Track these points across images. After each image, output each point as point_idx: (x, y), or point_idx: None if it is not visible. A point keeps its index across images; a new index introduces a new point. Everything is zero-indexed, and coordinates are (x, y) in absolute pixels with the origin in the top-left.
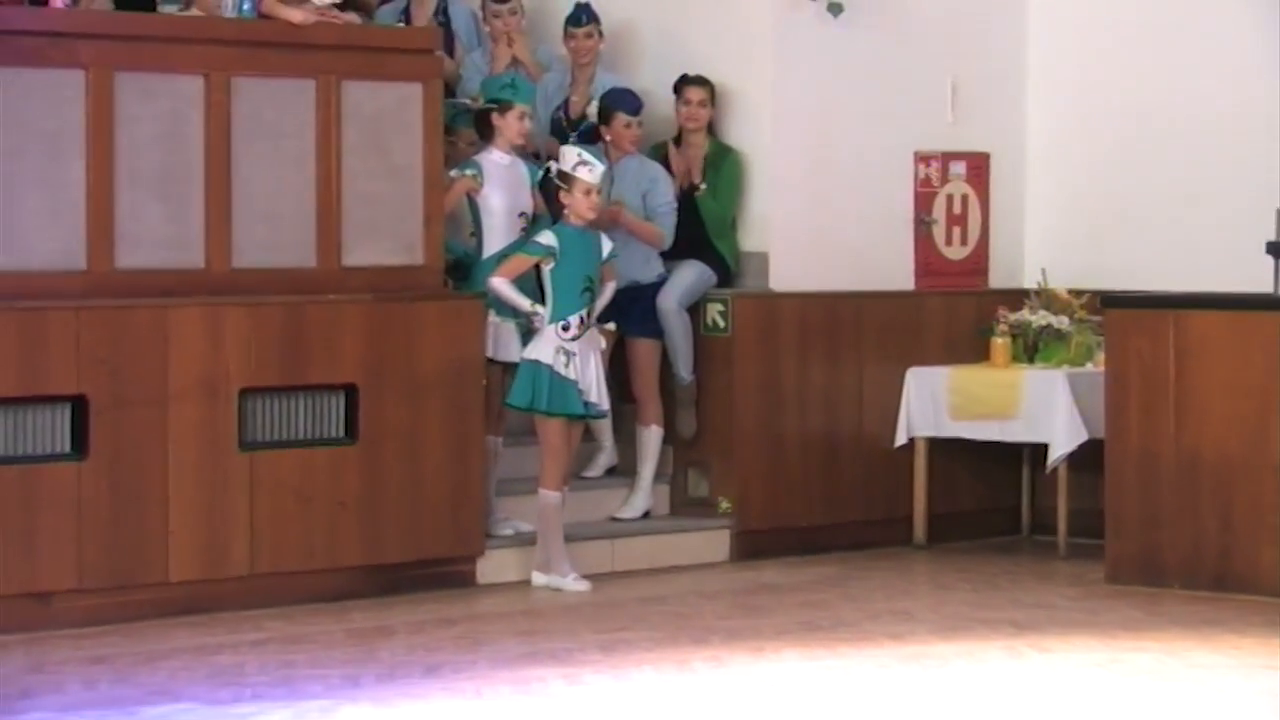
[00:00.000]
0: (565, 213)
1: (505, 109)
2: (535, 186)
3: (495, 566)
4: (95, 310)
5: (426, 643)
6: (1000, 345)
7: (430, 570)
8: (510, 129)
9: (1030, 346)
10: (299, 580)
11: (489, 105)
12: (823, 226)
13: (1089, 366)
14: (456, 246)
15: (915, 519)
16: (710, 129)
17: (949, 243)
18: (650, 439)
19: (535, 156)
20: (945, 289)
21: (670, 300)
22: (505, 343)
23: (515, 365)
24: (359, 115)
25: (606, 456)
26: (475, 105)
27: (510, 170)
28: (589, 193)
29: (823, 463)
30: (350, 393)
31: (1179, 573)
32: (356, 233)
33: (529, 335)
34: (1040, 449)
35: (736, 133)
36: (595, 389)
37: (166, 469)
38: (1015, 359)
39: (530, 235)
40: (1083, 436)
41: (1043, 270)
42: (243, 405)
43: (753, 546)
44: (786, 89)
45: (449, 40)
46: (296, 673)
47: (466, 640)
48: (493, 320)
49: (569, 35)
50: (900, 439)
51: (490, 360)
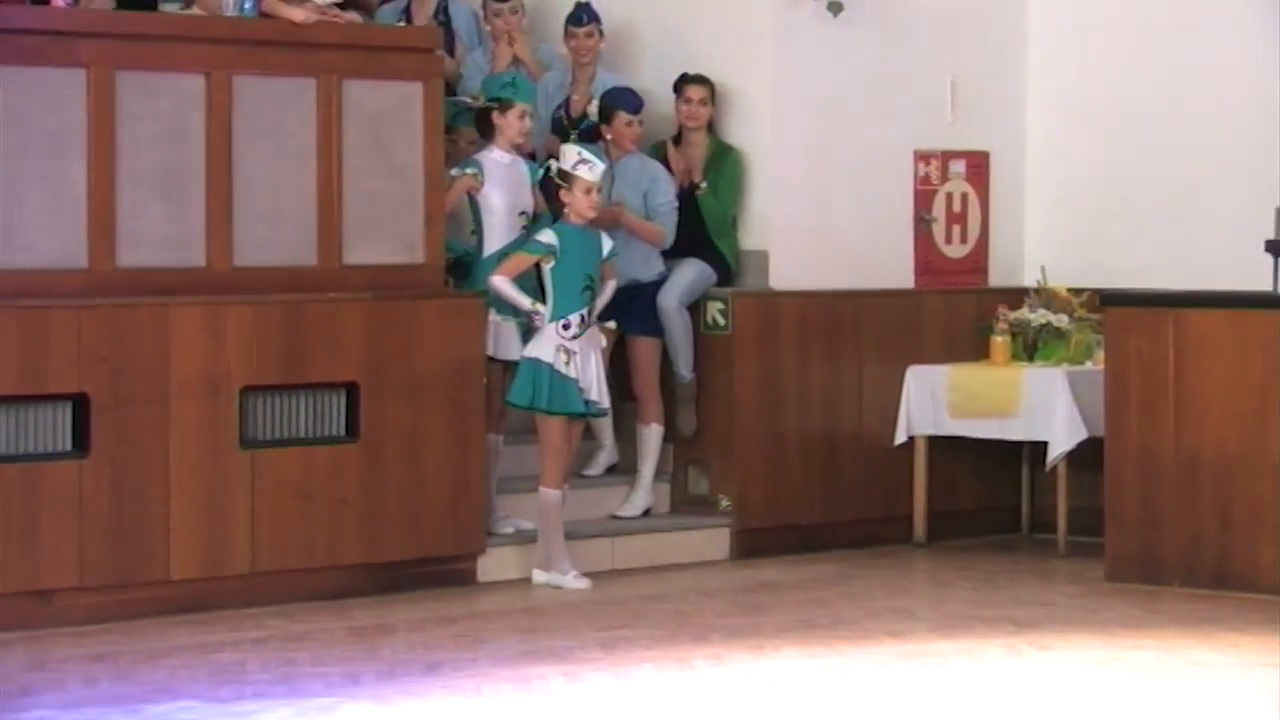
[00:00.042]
0: (565, 211)
1: (506, 108)
2: (536, 185)
3: (496, 564)
4: (96, 309)
5: (427, 641)
6: (1000, 343)
7: (431, 568)
8: (511, 128)
9: (1030, 345)
10: (300, 578)
11: (489, 104)
12: (823, 225)
13: (1088, 365)
14: (457, 245)
15: (915, 517)
16: (710, 128)
17: (949, 241)
18: (650, 437)
19: (531, 157)
20: (945, 287)
21: (670, 299)
22: (506, 341)
23: (516, 364)
24: (360, 114)
25: (607, 455)
26: (476, 104)
27: (511, 169)
28: (589, 191)
29: (823, 461)
30: (351, 391)
31: (1178, 571)
32: (357, 231)
33: (529, 334)
34: (1040, 447)
35: (737, 131)
36: (596, 387)
37: (168, 467)
38: (1015, 357)
39: (531, 234)
40: (1082, 435)
41: (1042, 269)
42: (244, 403)
43: (753, 544)
44: (786, 88)
45: (450, 39)
46: (297, 670)
47: (467, 638)
48: (493, 319)
49: (570, 34)
50: (900, 437)
51: (491, 359)
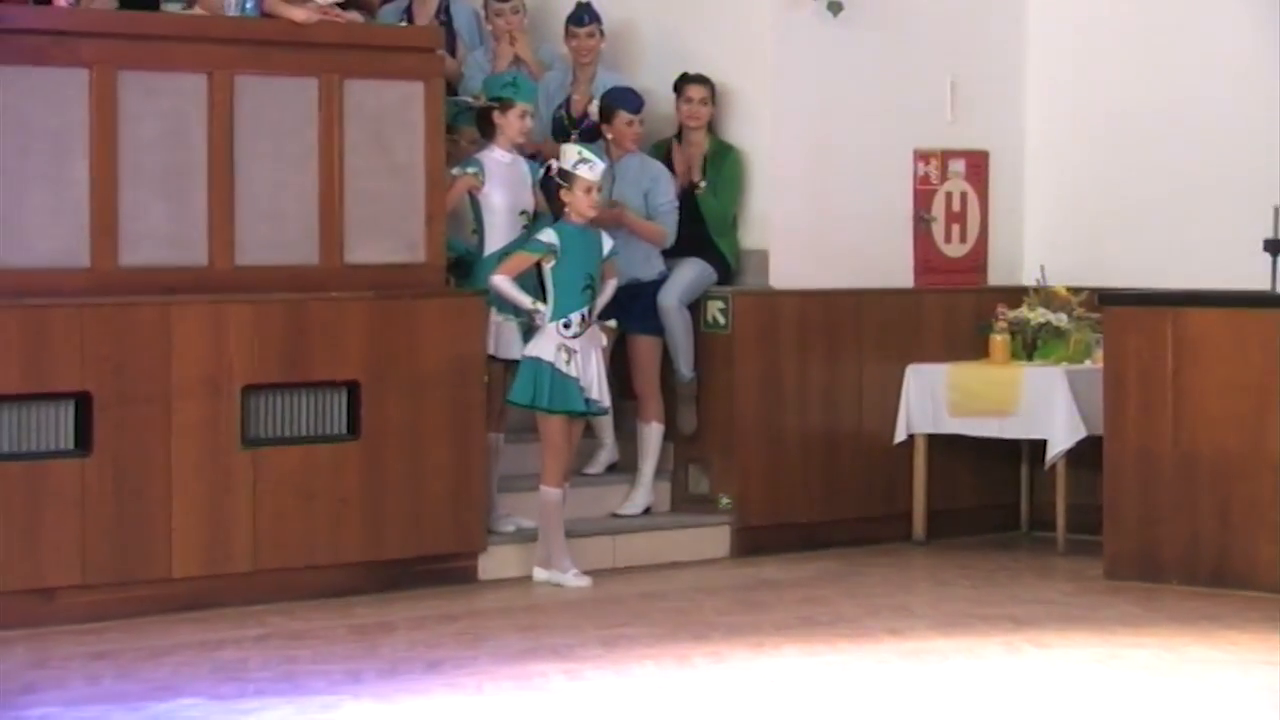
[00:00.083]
0: (566, 210)
1: (506, 107)
2: (536, 184)
3: (497, 562)
4: (99, 308)
5: (428, 638)
6: (999, 342)
7: (432, 566)
8: (511, 127)
9: (1029, 343)
10: (301, 576)
11: (490, 103)
12: (822, 224)
13: (1087, 363)
14: (458, 244)
15: (915, 515)
16: (710, 127)
17: (948, 240)
18: (651, 436)
19: (533, 157)
20: (944, 286)
21: (671, 298)
22: (507, 340)
23: (517, 362)
24: (361, 114)
25: (607, 453)
26: (477, 103)
27: (511, 168)
28: (589, 190)
29: (823, 459)
30: (352, 390)
31: (1177, 569)
32: (359, 230)
33: (530, 333)
34: (1039, 445)
35: (737, 131)
36: (596, 386)
37: (169, 465)
38: (1014, 356)
39: (531, 233)
40: (1081, 433)
41: (1041, 268)
42: (245, 402)
43: (753, 542)
44: (786, 87)
45: (451, 39)
46: (299, 668)
47: (468, 636)
48: (494, 318)
49: (570, 34)
50: (900, 435)
51: (492, 357)
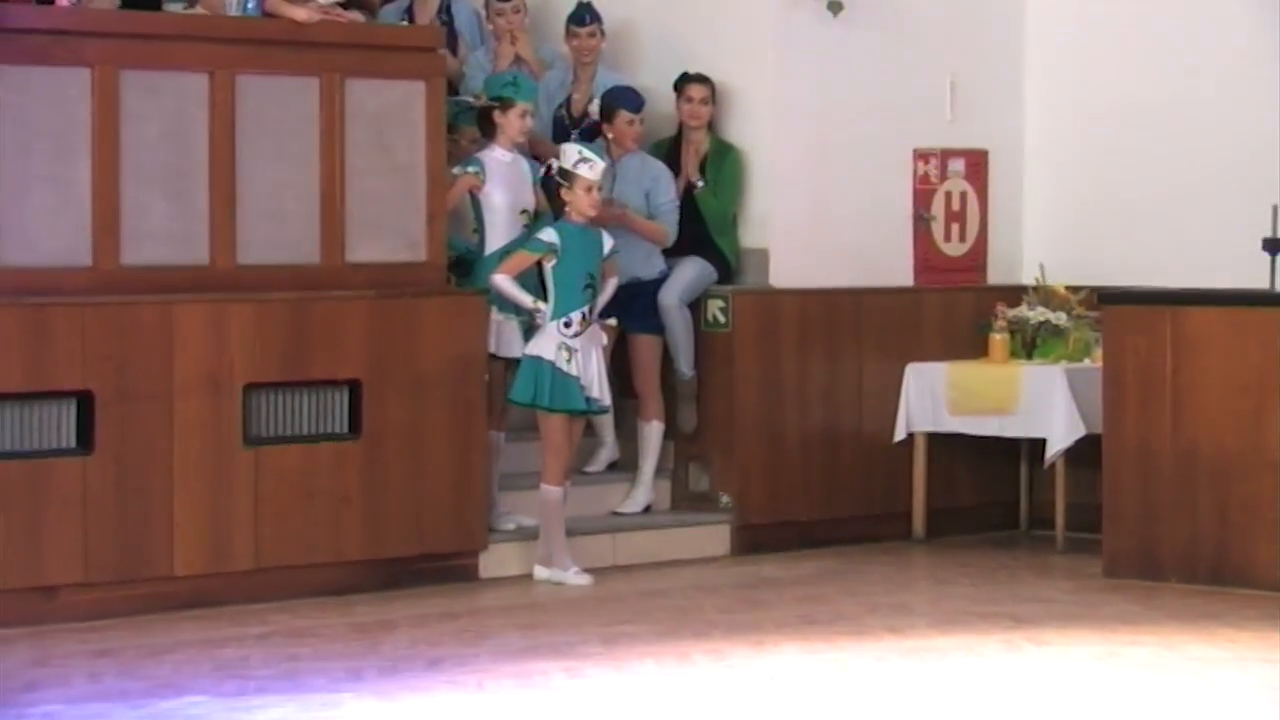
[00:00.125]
0: (567, 209)
1: (507, 107)
2: (537, 183)
3: (497, 561)
4: (101, 306)
5: (429, 636)
6: (999, 341)
7: (433, 564)
8: (512, 127)
9: (1028, 342)
10: (303, 574)
11: (491, 103)
12: (822, 223)
13: (1086, 362)
14: (459, 243)
15: (914, 513)
16: (711, 127)
17: (948, 239)
18: (651, 434)
19: (536, 158)
20: (944, 285)
21: (671, 296)
22: (507, 339)
23: (517, 361)
24: (362, 113)
25: (608, 451)
26: (478, 103)
27: (512, 167)
28: (590, 189)
29: (822, 458)
30: (354, 388)
31: (1176, 567)
32: (360, 230)
33: (531, 331)
34: (1038, 444)
35: (737, 130)
36: (597, 384)
37: (171, 464)
38: (1013, 354)
39: (532, 232)
40: (1080, 432)
41: (1041, 266)
42: (247, 401)
43: (753, 541)
44: (786, 87)
45: (452, 38)
46: (300, 666)
47: (469, 634)
48: (495, 317)
49: (571, 34)
50: (899, 434)
51: (493, 356)
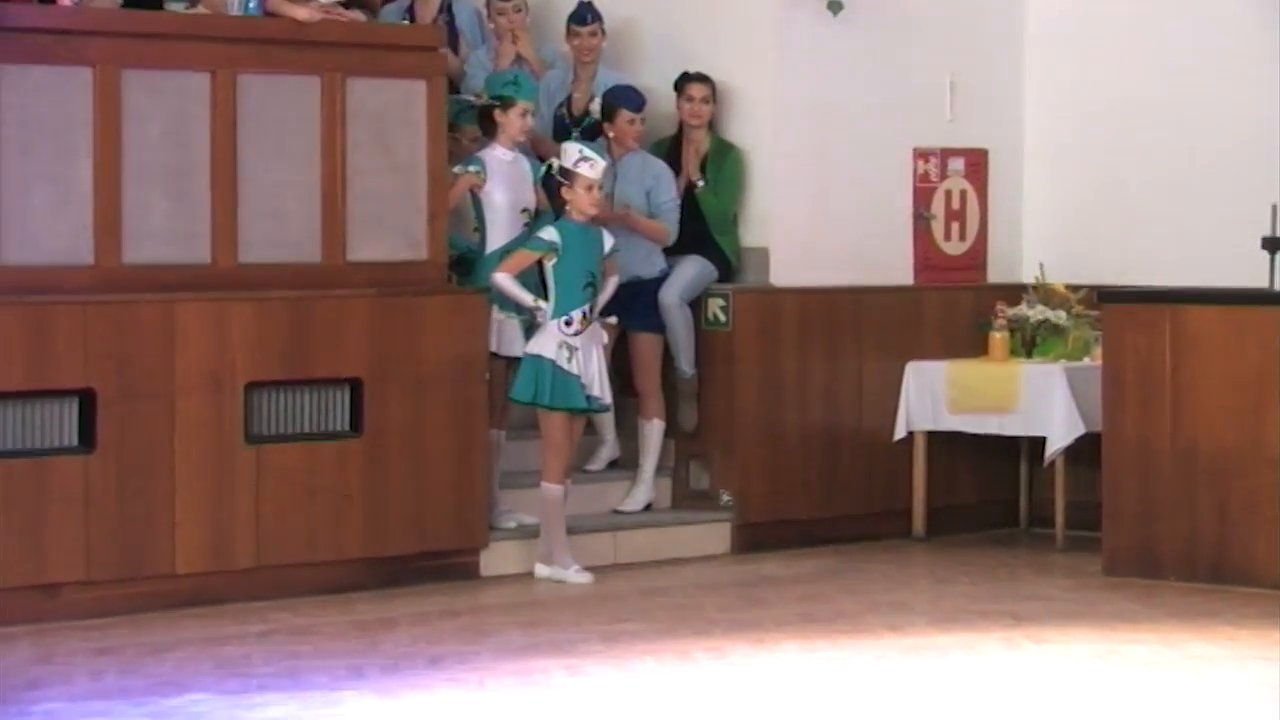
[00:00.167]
0: (567, 208)
1: (508, 105)
2: (538, 182)
3: (498, 559)
4: (103, 305)
5: (430, 634)
6: (998, 339)
7: (434, 562)
8: (513, 125)
9: (1028, 341)
10: (304, 572)
11: (492, 102)
12: (823, 222)
13: (1086, 361)
14: (460, 242)
15: (914, 512)
16: (711, 126)
17: (948, 238)
18: (652, 432)
19: (540, 158)
20: (944, 284)
21: (672, 295)
22: (508, 337)
23: (518, 360)
24: (364, 112)
25: (608, 450)
26: (478, 101)
27: (513, 166)
28: (591, 188)
29: (823, 456)
30: (355, 387)
31: (1175, 565)
32: (361, 228)
33: (532, 330)
34: (1038, 442)
35: (737, 130)
36: (597, 383)
37: (173, 462)
38: (1013, 353)
39: (533, 231)
40: (1080, 430)
41: (1040, 265)
42: (248, 399)
43: (753, 539)
44: (787, 86)
45: (453, 37)
46: (302, 664)
47: (470, 632)
48: (496, 315)
49: (572, 33)
50: (899, 432)
51: (494, 355)
